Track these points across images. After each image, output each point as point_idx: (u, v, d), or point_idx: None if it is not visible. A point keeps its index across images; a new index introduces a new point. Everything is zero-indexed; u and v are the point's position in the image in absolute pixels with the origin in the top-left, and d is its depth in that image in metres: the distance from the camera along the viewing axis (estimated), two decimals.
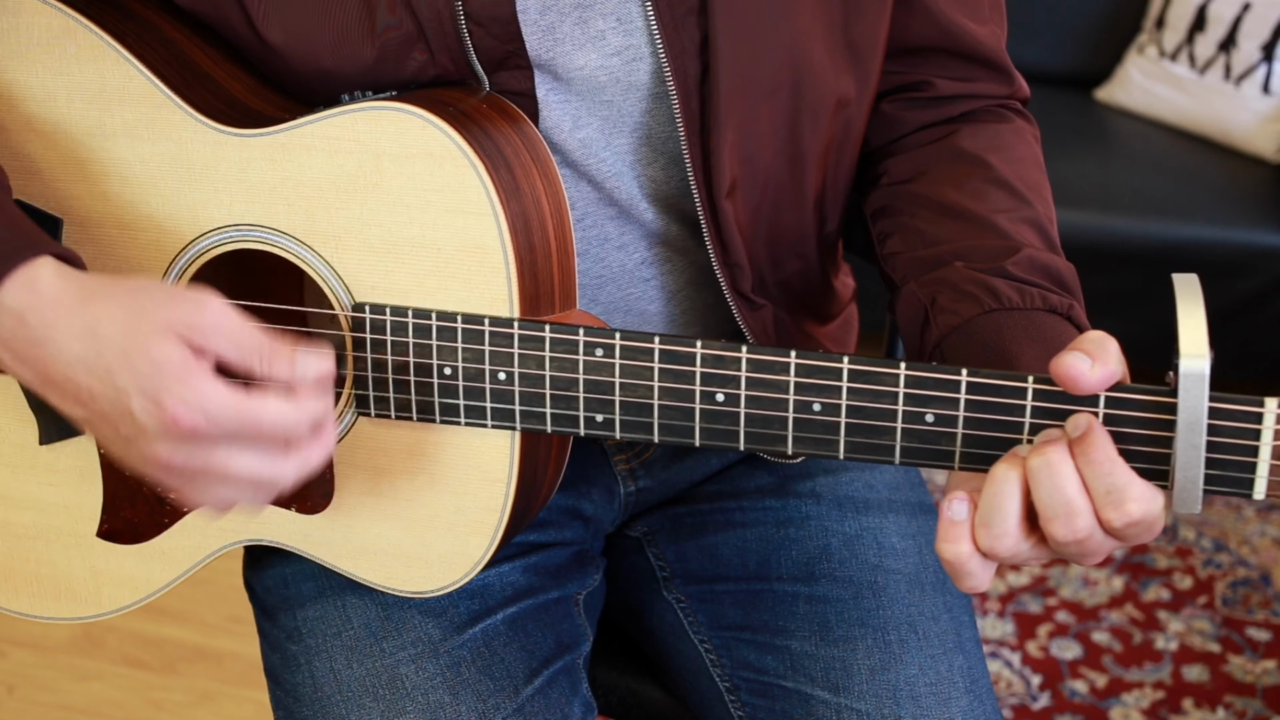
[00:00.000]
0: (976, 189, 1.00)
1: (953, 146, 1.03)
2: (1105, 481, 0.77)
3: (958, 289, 0.93)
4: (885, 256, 1.02)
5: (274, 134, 0.90)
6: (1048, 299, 0.92)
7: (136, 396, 0.80)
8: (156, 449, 0.81)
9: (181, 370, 0.80)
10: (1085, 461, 0.77)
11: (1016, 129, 1.07)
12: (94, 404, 0.82)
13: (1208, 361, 0.75)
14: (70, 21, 0.92)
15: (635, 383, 0.87)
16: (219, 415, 0.80)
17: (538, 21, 0.93)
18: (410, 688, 0.99)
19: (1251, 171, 2.69)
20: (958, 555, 0.80)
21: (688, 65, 0.94)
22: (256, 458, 0.82)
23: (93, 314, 0.82)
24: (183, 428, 0.80)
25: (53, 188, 0.95)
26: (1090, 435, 0.78)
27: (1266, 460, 0.78)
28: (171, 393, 0.80)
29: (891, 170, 1.05)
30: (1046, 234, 0.99)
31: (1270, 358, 2.59)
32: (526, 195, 0.90)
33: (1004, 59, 1.07)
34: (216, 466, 0.81)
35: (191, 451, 0.81)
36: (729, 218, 0.98)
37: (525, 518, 0.98)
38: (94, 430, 0.84)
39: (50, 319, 0.82)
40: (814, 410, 0.84)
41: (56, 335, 0.82)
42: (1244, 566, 2.36)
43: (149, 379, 0.80)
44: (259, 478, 0.83)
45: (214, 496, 0.84)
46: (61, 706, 2.10)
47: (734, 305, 1.02)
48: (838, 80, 0.99)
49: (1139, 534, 0.79)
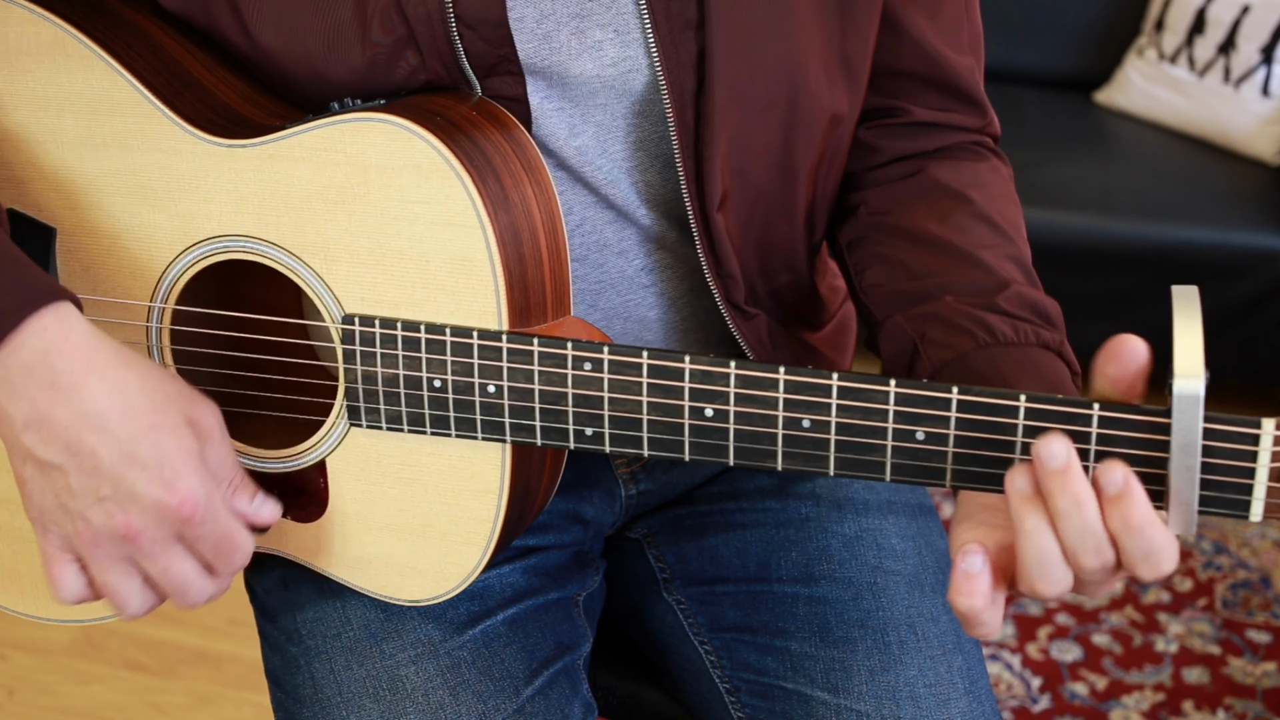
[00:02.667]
0: (960, 223, 1.00)
1: (932, 180, 1.03)
2: (1144, 547, 0.76)
3: (949, 323, 0.93)
4: (865, 288, 1.02)
5: (262, 145, 0.90)
6: (1040, 335, 0.92)
7: (150, 470, 0.83)
8: (133, 519, 0.84)
9: (197, 463, 0.85)
10: (1125, 527, 0.76)
11: (993, 167, 1.07)
12: (87, 459, 0.83)
13: (1203, 382, 0.73)
14: (59, 31, 0.92)
15: (624, 397, 0.87)
16: (211, 517, 0.85)
17: (534, 29, 0.93)
18: (410, 689, 0.99)
19: (1251, 174, 2.68)
20: (972, 608, 0.80)
21: (684, 79, 0.94)
22: (194, 569, 0.87)
23: (126, 379, 0.84)
24: (182, 512, 0.84)
25: (44, 198, 0.95)
26: (1130, 496, 0.76)
27: (1264, 482, 0.76)
28: (188, 480, 0.84)
29: (870, 201, 1.05)
30: (1029, 271, 0.99)
31: (1270, 360, 2.58)
32: (516, 205, 0.89)
33: (980, 93, 1.07)
34: (163, 559, 0.86)
35: (158, 535, 0.85)
36: (720, 229, 0.97)
37: (519, 527, 0.98)
38: (53, 479, 0.84)
39: (81, 368, 0.83)
40: (803, 427, 0.84)
41: (84, 386, 0.83)
42: (1244, 569, 2.36)
43: (170, 460, 0.84)
44: (185, 587, 0.87)
45: (126, 585, 0.87)
46: (62, 710, 2.10)
47: (728, 315, 1.01)
48: (832, 97, 0.99)
49: (1156, 579, 0.79)
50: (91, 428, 0.83)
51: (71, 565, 0.87)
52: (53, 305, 0.83)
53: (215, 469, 0.86)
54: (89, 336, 0.84)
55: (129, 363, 0.85)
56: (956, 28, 1.04)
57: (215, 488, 0.86)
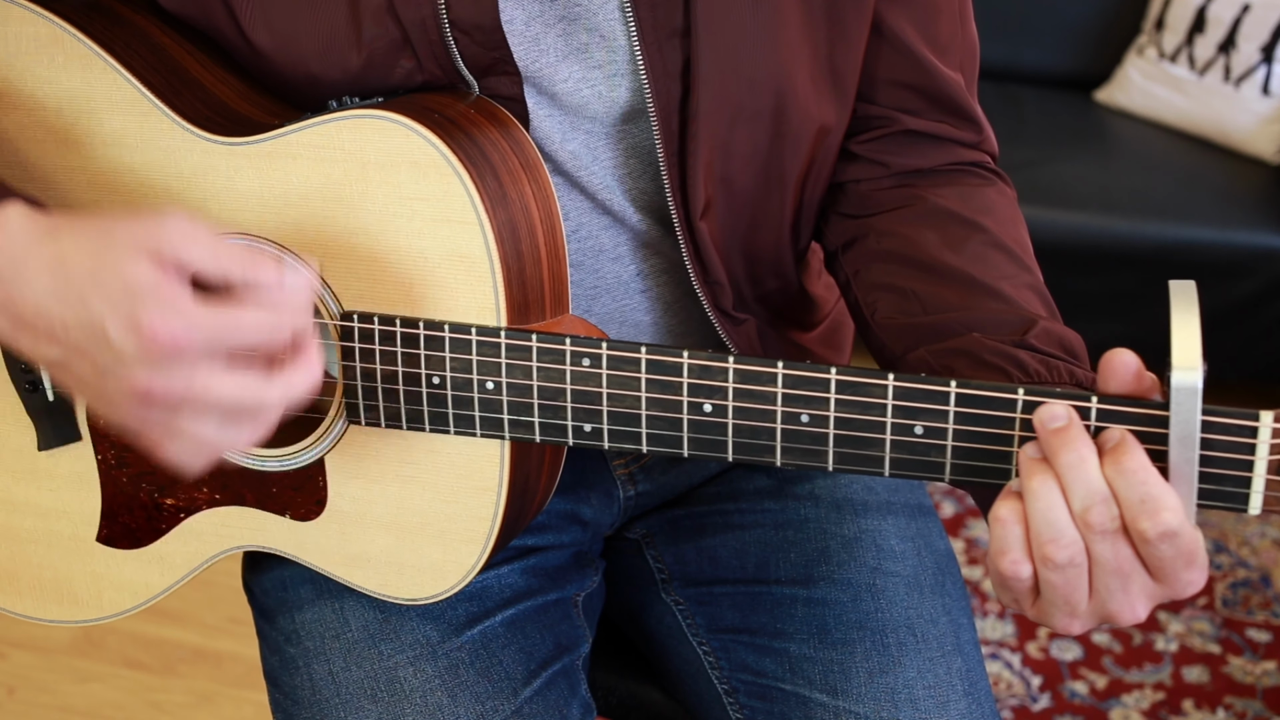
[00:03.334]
0: (976, 253, 0.98)
1: (941, 208, 1.02)
2: (1139, 491, 0.75)
3: (980, 360, 0.91)
4: (879, 323, 1.00)
5: (260, 142, 0.90)
6: (1074, 374, 0.90)
7: (111, 319, 0.78)
8: (136, 376, 0.78)
9: (154, 286, 0.78)
10: (1118, 472, 0.75)
11: (1000, 190, 1.06)
12: (68, 336, 0.80)
13: (1200, 374, 0.74)
14: (58, 30, 0.92)
15: (622, 393, 0.87)
16: (198, 325, 0.77)
17: (523, 32, 0.93)
18: (408, 690, 0.99)
19: (1251, 173, 2.68)
20: (1016, 570, 0.78)
21: (669, 87, 0.94)
22: (238, 379, 0.79)
23: (59, 246, 0.80)
24: (161, 343, 0.77)
25: (41, 196, 0.95)
26: (1125, 446, 0.76)
27: (1262, 475, 0.76)
28: (147, 309, 0.77)
29: (876, 229, 1.03)
30: (1049, 302, 0.97)
31: (1269, 359, 2.58)
32: (514, 202, 0.89)
33: (972, 107, 1.06)
34: (198, 390, 0.78)
35: (172, 373, 0.78)
36: (705, 237, 0.97)
37: (518, 525, 0.98)
38: (71, 373, 0.82)
39: (19, 255, 0.80)
40: (802, 421, 0.84)
41: (25, 270, 0.80)
42: (1244, 568, 2.36)
43: (123, 299, 0.78)
44: (242, 402, 0.79)
45: (196, 436, 0.80)
46: (62, 708, 2.10)
47: (716, 322, 1.02)
48: (820, 108, 0.98)
49: (1175, 560, 0.76)
50: (49, 306, 0.80)
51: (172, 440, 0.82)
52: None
53: (205, 264, 0.79)
54: (21, 222, 0.81)
55: (61, 228, 0.81)
56: (949, 41, 1.03)
57: (188, 298, 0.78)
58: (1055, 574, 0.77)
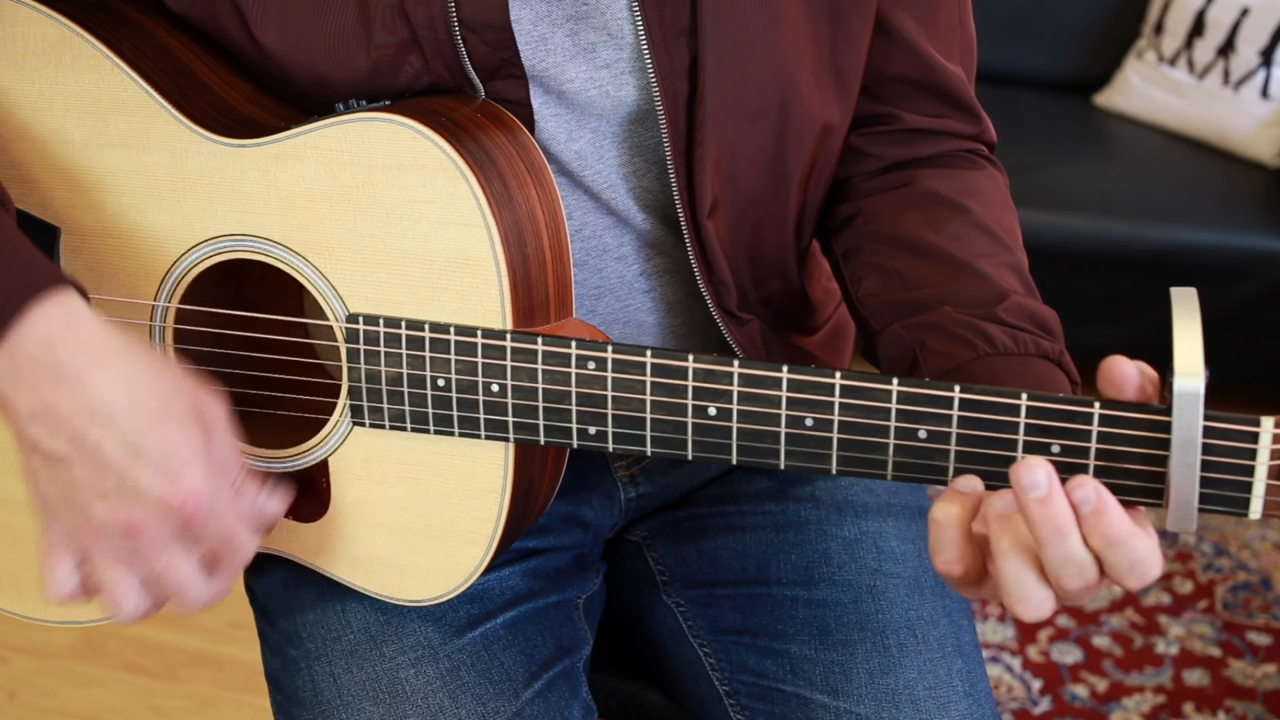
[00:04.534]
0: (957, 233, 1.00)
1: (928, 190, 1.03)
2: (1129, 559, 0.76)
3: (949, 333, 0.93)
4: (861, 299, 1.02)
5: (267, 144, 0.90)
6: (1040, 345, 0.92)
7: (154, 465, 0.82)
8: (135, 514, 0.82)
9: (203, 458, 0.83)
10: (1107, 544, 0.76)
11: (990, 175, 1.07)
12: (91, 452, 0.82)
13: (1203, 380, 0.74)
14: (65, 31, 0.92)
15: (627, 396, 0.87)
16: (216, 513, 0.84)
17: (530, 31, 0.93)
18: (410, 692, 0.99)
19: (1250, 176, 2.69)
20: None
21: (676, 85, 0.94)
22: (195, 570, 0.85)
23: (133, 370, 0.82)
24: (187, 508, 0.82)
25: (49, 197, 0.95)
26: (1106, 511, 0.76)
27: (1263, 480, 0.77)
28: (193, 475, 0.82)
29: (865, 210, 1.05)
30: (1027, 281, 0.99)
31: (1269, 362, 2.59)
32: (520, 205, 0.90)
33: (972, 100, 1.07)
34: (164, 558, 0.84)
35: (161, 533, 0.83)
36: (711, 236, 0.98)
37: (521, 527, 0.98)
38: (57, 472, 0.83)
39: (86, 359, 0.81)
40: (806, 425, 0.84)
41: (89, 378, 0.81)
42: (1244, 571, 2.36)
43: (176, 454, 0.82)
44: (183, 589, 0.85)
45: (124, 584, 0.85)
46: (62, 713, 2.10)
47: (720, 321, 1.02)
48: (823, 106, 0.99)
49: (1136, 575, 0.78)
50: (97, 420, 0.81)
51: (67, 561, 0.86)
52: (56, 293, 0.82)
53: (220, 463, 0.85)
54: (94, 326, 0.83)
55: (135, 354, 0.84)
56: (949, 35, 1.04)
57: (220, 484, 0.84)
58: (1020, 616, 0.80)
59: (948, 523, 0.80)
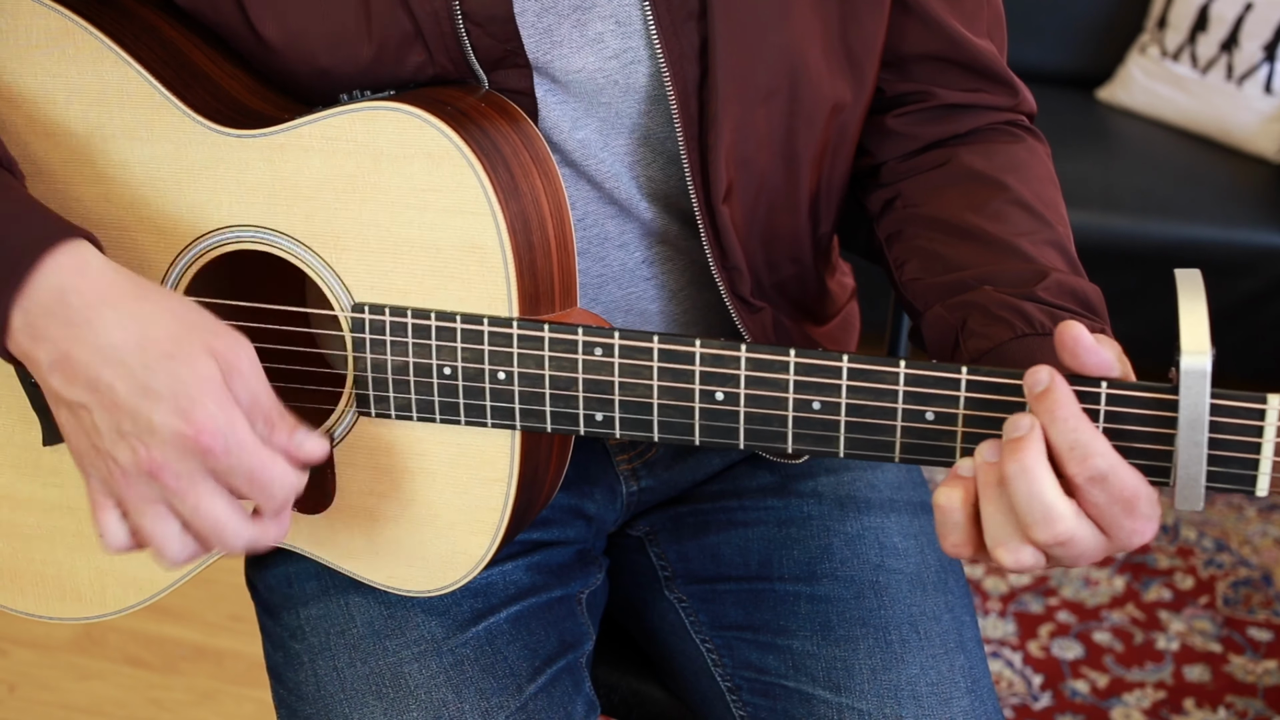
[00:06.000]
0: (997, 211, 0.99)
1: (967, 168, 1.03)
2: (1070, 437, 0.77)
3: (988, 313, 0.92)
4: (905, 283, 1.01)
5: (272, 135, 0.90)
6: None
7: (166, 401, 0.81)
8: (154, 453, 0.81)
9: (218, 393, 0.82)
10: (1050, 419, 0.77)
11: (1029, 148, 1.06)
12: (110, 392, 0.82)
13: (1209, 358, 0.75)
14: (68, 23, 0.92)
15: (635, 382, 0.87)
16: (237, 447, 0.82)
17: (535, 23, 0.93)
18: (413, 686, 0.99)
19: (1253, 171, 2.69)
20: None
21: (686, 69, 0.94)
22: (229, 508, 0.84)
23: (145, 310, 0.82)
24: (201, 443, 0.81)
25: (52, 189, 0.95)
26: (1054, 392, 0.77)
27: (1269, 457, 0.78)
28: (205, 409, 0.81)
29: (905, 193, 1.04)
30: (1069, 256, 0.98)
31: (1272, 357, 2.59)
32: (525, 194, 0.90)
33: (1006, 71, 1.07)
34: (192, 496, 0.82)
35: (184, 470, 0.82)
36: (726, 221, 0.98)
37: (527, 517, 0.98)
38: (84, 419, 0.83)
39: (96, 303, 0.82)
40: (814, 409, 0.84)
41: (99, 321, 0.82)
42: (1245, 566, 2.36)
43: (186, 390, 0.81)
44: (219, 528, 0.84)
45: (162, 528, 0.84)
46: (63, 705, 2.10)
47: (732, 308, 1.01)
48: (834, 85, 0.99)
49: (1110, 507, 0.78)
50: (107, 361, 0.81)
51: (113, 511, 0.85)
52: (67, 243, 0.83)
53: (244, 402, 0.83)
54: (105, 269, 0.83)
55: (147, 294, 0.83)
56: (975, 10, 1.04)
57: (237, 419, 0.82)
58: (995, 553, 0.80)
59: (951, 507, 0.80)
